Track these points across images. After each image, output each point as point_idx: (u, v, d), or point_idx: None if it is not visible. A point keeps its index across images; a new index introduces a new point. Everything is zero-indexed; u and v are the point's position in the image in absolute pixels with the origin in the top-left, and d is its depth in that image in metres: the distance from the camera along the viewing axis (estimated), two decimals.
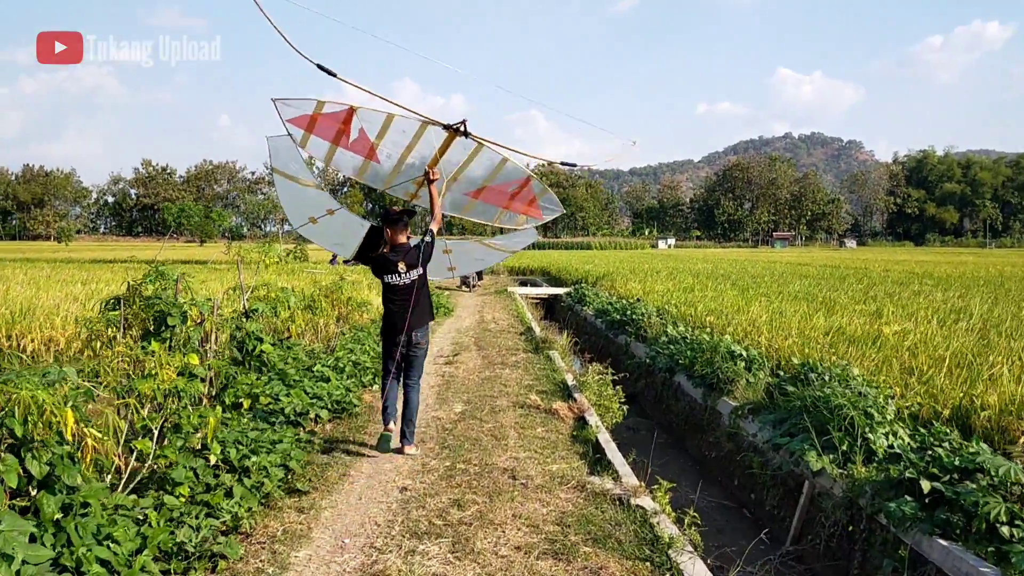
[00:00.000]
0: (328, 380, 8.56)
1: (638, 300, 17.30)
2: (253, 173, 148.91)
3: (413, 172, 6.85)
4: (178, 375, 4.98)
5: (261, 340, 7.83)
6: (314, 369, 8.83)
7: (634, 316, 14.88)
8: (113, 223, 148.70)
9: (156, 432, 4.66)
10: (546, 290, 28.13)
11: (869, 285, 21.86)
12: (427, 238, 6.46)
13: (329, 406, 7.73)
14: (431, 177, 6.41)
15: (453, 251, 8.26)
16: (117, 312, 5.54)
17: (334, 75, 5.52)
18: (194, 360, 5.00)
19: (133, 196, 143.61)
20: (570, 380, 9.76)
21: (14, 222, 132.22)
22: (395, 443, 6.51)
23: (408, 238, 6.58)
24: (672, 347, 11.40)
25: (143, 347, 5.00)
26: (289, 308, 9.56)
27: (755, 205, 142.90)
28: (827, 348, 9.87)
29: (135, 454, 4.83)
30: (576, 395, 8.88)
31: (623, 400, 9.11)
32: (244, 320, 7.79)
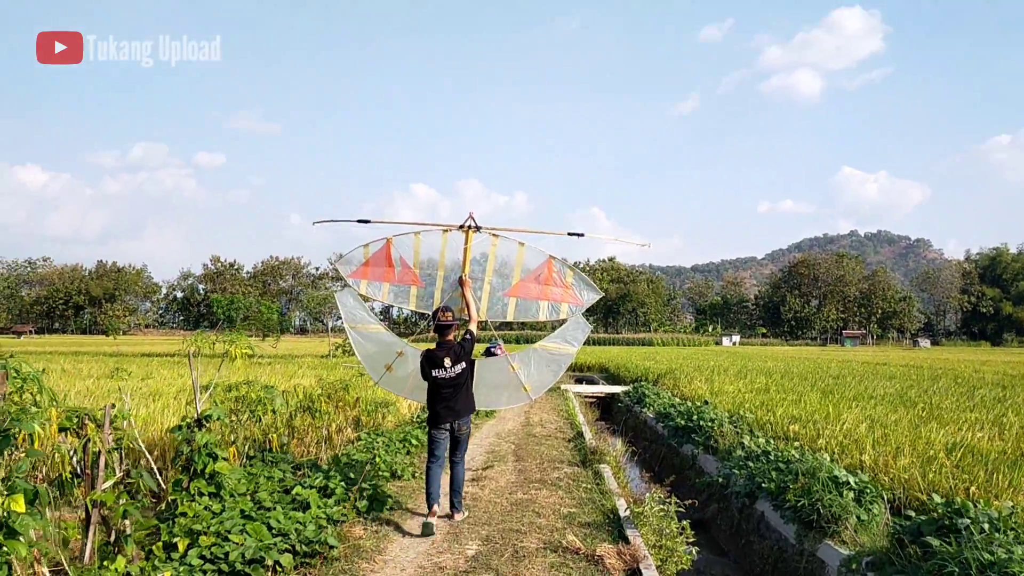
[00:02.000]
0: (308, 507, 6.68)
1: (705, 403, 15.07)
2: (317, 268, 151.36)
3: (452, 284, 7.83)
4: None
5: (215, 457, 6.04)
6: (293, 492, 6.98)
7: (701, 422, 12.69)
8: (181, 318, 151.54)
9: None
10: (603, 388, 25.91)
11: (968, 388, 19.10)
12: (467, 335, 7.13)
13: (296, 547, 5.80)
14: (463, 282, 7.59)
15: (519, 366, 7.89)
16: None
17: (369, 221, 7.75)
18: (18, 506, 3.20)
19: (201, 291, 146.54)
20: (622, 509, 7.65)
21: (86, 316, 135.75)
22: (439, 516, 7.05)
23: (454, 338, 7.14)
24: (751, 464, 9.21)
25: None
26: (273, 412, 7.79)
27: (823, 302, 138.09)
28: (957, 472, 7.63)
29: None
30: (629, 532, 6.77)
31: (691, 540, 6.99)
32: (194, 431, 6.02)
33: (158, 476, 6.13)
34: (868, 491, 6.98)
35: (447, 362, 6.91)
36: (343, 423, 10.22)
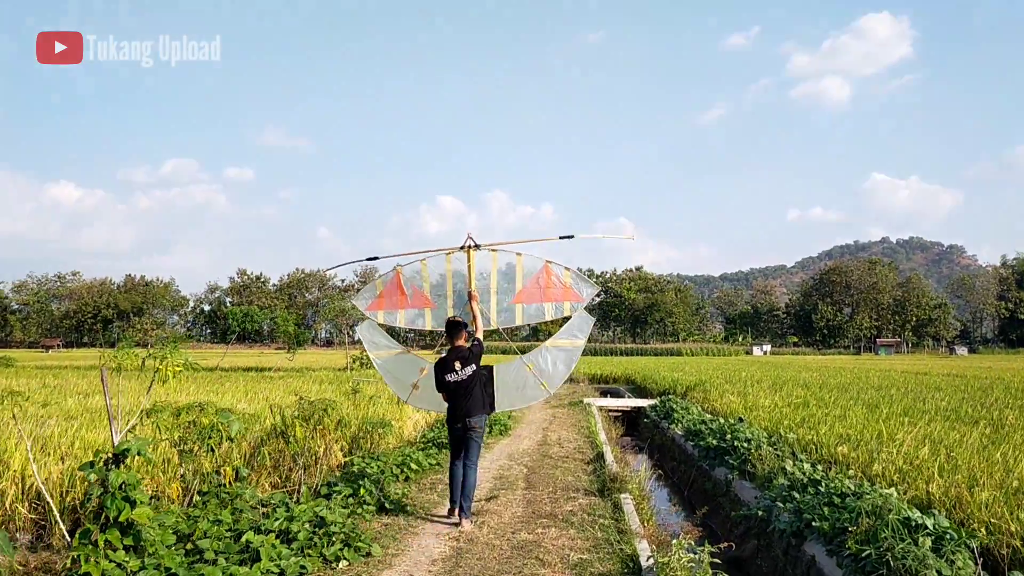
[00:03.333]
0: (258, 558, 5.49)
1: (740, 420, 13.69)
2: (343, 281, 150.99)
3: (462, 299, 8.42)
4: None
5: (132, 502, 4.86)
6: (244, 538, 5.78)
7: (736, 442, 11.34)
8: (208, 331, 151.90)
9: None
10: (628, 402, 24.51)
11: None
12: (475, 343, 7.77)
13: None
14: (471, 296, 8.25)
15: (533, 365, 8.47)
16: None
17: (377, 258, 9.14)
18: None
19: (228, 304, 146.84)
20: (644, 556, 6.34)
21: (114, 330, 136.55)
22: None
23: (464, 342, 7.70)
24: (797, 496, 7.87)
25: None
26: (231, 440, 6.60)
27: (855, 310, 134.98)
28: None
29: None
30: None
31: None
32: (110, 469, 4.85)
33: (63, 528, 4.98)
34: (949, 538, 5.63)
35: (457, 365, 7.48)
36: (327, 447, 9.02)
